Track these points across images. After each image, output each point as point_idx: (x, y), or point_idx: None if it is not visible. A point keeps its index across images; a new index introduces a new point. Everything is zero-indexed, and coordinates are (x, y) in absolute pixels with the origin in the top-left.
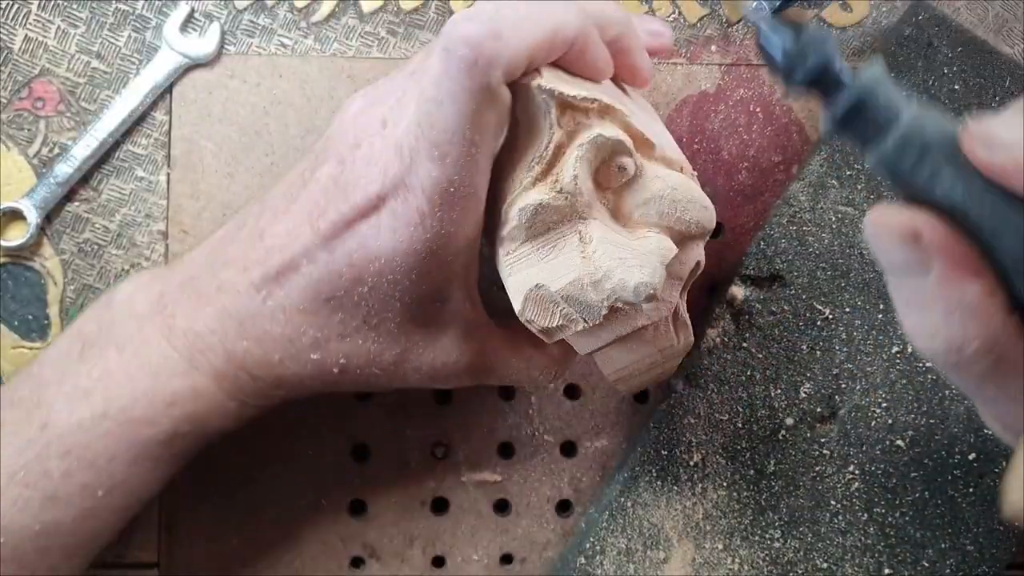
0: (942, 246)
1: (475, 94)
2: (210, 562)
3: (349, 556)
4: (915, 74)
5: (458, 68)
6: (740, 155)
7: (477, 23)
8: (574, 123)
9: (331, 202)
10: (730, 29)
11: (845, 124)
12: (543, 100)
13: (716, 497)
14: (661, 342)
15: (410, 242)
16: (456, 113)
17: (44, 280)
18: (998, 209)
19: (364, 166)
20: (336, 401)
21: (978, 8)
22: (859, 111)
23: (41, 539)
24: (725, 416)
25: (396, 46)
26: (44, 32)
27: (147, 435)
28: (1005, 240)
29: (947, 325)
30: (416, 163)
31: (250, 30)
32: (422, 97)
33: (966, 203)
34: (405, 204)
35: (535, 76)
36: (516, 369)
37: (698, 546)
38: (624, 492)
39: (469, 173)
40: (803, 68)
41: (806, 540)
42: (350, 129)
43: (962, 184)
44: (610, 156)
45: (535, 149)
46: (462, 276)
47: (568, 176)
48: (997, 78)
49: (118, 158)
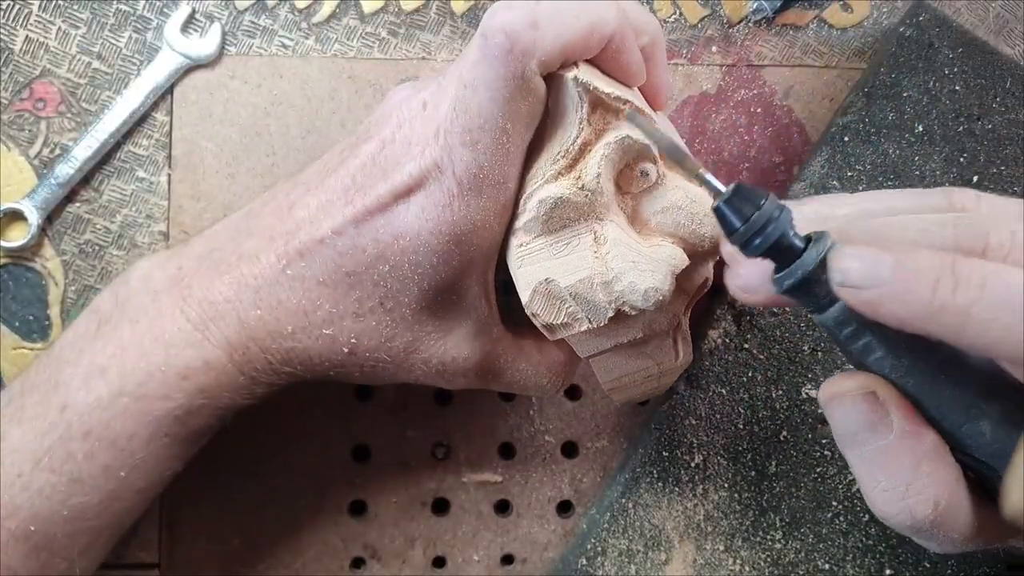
0: (897, 402)
1: (509, 82)
2: (211, 562)
3: (350, 556)
4: (916, 75)
5: (494, 55)
6: (741, 155)
7: (515, 11)
8: (603, 122)
9: (368, 179)
10: (731, 30)
11: (792, 293)
12: (577, 93)
13: (717, 498)
14: (660, 356)
15: (436, 223)
16: (489, 99)
17: (45, 281)
18: (923, 377)
19: (404, 146)
20: (337, 401)
21: (979, 8)
22: (806, 284)
23: (69, 524)
24: (726, 417)
25: (397, 47)
26: (45, 33)
27: (163, 410)
28: (934, 408)
29: (916, 478)
30: (450, 146)
31: (251, 31)
32: (459, 82)
33: (894, 372)
34: (437, 185)
35: (571, 68)
36: (524, 374)
37: (699, 547)
38: (625, 493)
39: (499, 161)
40: (760, 240)
41: (807, 541)
42: (393, 112)
43: (890, 356)
44: (634, 160)
45: (561, 142)
46: (481, 270)
47: (592, 174)
48: (998, 79)
49: (119, 159)
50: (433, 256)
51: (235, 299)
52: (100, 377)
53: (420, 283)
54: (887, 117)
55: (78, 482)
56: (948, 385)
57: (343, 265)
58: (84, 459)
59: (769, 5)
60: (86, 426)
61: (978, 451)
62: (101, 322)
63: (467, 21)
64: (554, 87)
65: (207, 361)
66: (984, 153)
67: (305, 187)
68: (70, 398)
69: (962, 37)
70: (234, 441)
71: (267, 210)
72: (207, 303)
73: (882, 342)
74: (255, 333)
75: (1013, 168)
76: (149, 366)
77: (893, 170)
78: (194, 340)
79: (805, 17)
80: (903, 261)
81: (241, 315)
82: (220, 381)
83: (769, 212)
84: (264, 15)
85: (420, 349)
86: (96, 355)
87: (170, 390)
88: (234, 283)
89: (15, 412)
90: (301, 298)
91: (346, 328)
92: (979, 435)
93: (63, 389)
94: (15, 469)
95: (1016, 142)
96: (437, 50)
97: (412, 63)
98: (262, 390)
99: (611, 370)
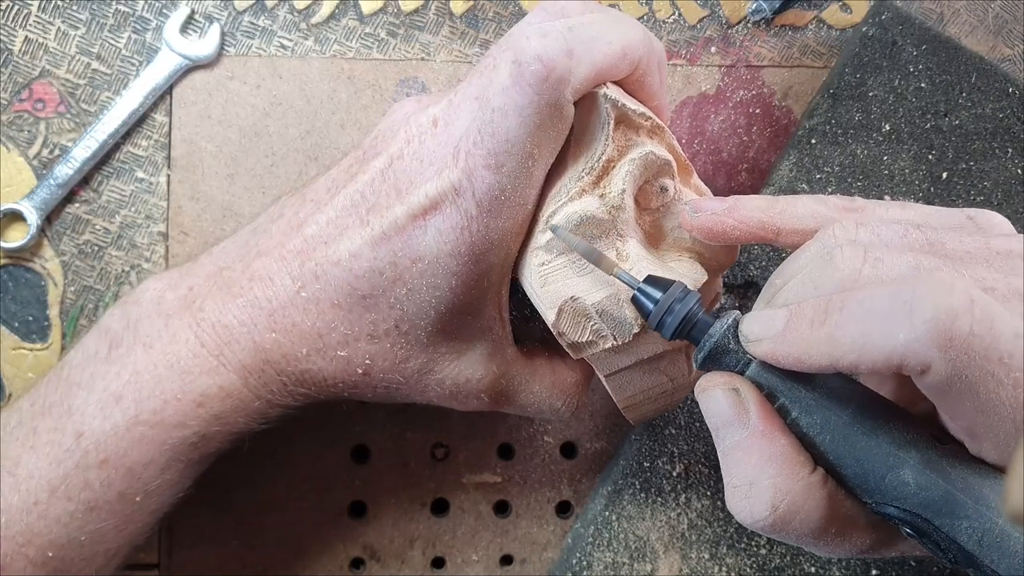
0: (757, 401)
1: (542, 109)
2: (210, 563)
3: (349, 557)
4: (881, 74)
5: (528, 83)
6: (740, 156)
7: (550, 39)
8: (624, 139)
9: (379, 196)
10: (730, 31)
11: (709, 363)
12: (606, 110)
13: (700, 506)
14: (673, 371)
15: (455, 244)
16: (519, 125)
17: (44, 281)
18: (837, 432)
19: (417, 164)
20: (337, 402)
21: (978, 9)
22: (718, 353)
23: (86, 548)
24: (706, 425)
25: (396, 47)
26: (44, 34)
27: (178, 437)
28: (854, 462)
29: (760, 478)
30: (471, 168)
31: (250, 31)
32: (486, 105)
33: (810, 429)
34: (455, 207)
35: (602, 86)
36: (537, 397)
37: (684, 556)
38: (608, 506)
39: (522, 184)
40: (671, 319)
41: (792, 545)
42: (400, 127)
43: (803, 414)
44: (654, 176)
45: (586, 159)
46: (496, 289)
47: (616, 190)
48: (963, 74)
49: (118, 159)
50: (452, 278)
51: (249, 322)
52: (115, 405)
53: (437, 305)
54: (854, 117)
55: (95, 509)
56: (863, 437)
57: (359, 288)
58: (101, 487)
59: (768, 6)
60: (103, 454)
61: (908, 502)
62: (112, 344)
63: (466, 22)
64: (580, 104)
65: (222, 387)
66: (952, 149)
67: (315, 204)
68: (85, 425)
69: (925, 34)
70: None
71: (276, 227)
72: (221, 327)
73: (794, 402)
74: (270, 356)
75: (982, 163)
76: (164, 394)
77: (862, 170)
78: (209, 366)
79: (804, 18)
80: (792, 310)
81: (256, 338)
82: (235, 407)
83: (674, 295)
84: (263, 16)
85: (435, 370)
86: (110, 381)
87: (186, 417)
88: (248, 306)
89: (27, 436)
90: (316, 320)
91: (361, 350)
92: (903, 485)
93: (77, 416)
94: (31, 497)
95: (984, 137)
96: (436, 51)
97: (411, 64)
98: (276, 413)
99: (626, 388)
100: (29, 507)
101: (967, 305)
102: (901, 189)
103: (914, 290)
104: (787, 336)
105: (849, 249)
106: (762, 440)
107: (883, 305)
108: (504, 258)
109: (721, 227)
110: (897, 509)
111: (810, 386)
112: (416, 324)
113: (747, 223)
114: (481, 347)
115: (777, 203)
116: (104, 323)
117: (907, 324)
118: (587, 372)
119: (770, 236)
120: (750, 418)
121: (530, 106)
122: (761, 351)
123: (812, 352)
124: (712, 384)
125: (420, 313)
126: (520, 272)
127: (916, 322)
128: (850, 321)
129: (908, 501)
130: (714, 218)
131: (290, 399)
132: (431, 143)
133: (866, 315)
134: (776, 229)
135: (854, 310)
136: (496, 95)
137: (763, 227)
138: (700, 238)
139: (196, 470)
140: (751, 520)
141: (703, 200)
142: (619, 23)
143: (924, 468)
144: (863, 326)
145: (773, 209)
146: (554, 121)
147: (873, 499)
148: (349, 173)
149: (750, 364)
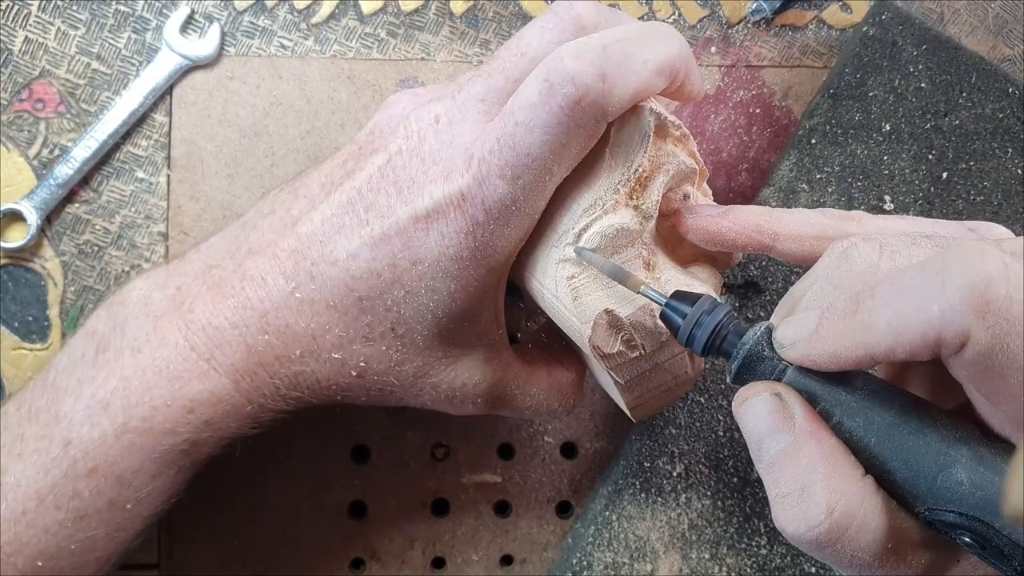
0: (801, 403)
1: (571, 131)
2: (210, 563)
3: (349, 557)
4: (881, 74)
5: (559, 104)
6: (740, 156)
7: (584, 61)
8: (655, 148)
9: (377, 194)
10: (730, 31)
11: (743, 375)
12: (647, 123)
13: (701, 507)
14: (676, 369)
15: (458, 249)
16: (543, 143)
17: (44, 281)
18: (883, 433)
19: (418, 162)
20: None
21: (978, 9)
22: (752, 362)
23: (76, 556)
24: (706, 425)
25: (396, 47)
26: (44, 34)
27: (168, 445)
28: (902, 463)
29: (811, 481)
30: (484, 176)
31: (250, 31)
32: (509, 118)
33: (854, 433)
34: (460, 212)
35: (647, 99)
36: (535, 399)
37: (685, 556)
38: (609, 506)
39: (534, 196)
40: (700, 332)
41: (792, 546)
42: (399, 123)
43: (846, 418)
44: (677, 184)
45: (622, 172)
46: (493, 294)
47: (652, 201)
48: (963, 74)
49: (118, 159)
50: (451, 282)
51: (241, 324)
52: (103, 412)
53: (435, 309)
54: (854, 117)
55: (84, 518)
56: (910, 436)
57: (356, 289)
58: (90, 496)
59: (768, 5)
60: (91, 463)
61: (964, 504)
62: (99, 348)
63: (466, 22)
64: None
65: (213, 392)
66: (952, 149)
67: (308, 201)
68: (73, 433)
69: (925, 34)
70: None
71: (267, 224)
72: (212, 329)
73: (835, 405)
74: (263, 358)
75: (982, 163)
76: (154, 400)
77: (862, 170)
78: (200, 371)
79: (804, 17)
80: (824, 308)
81: (248, 341)
82: (227, 412)
83: (703, 307)
84: (263, 16)
85: (430, 374)
86: (98, 387)
87: (176, 424)
88: (239, 307)
89: (14, 443)
90: (310, 322)
91: (356, 352)
92: (957, 484)
93: (64, 423)
94: (19, 506)
95: (984, 137)
96: (436, 51)
97: (411, 64)
98: (268, 417)
99: (634, 389)
100: (17, 516)
101: (1001, 269)
102: (901, 189)
103: (944, 260)
104: (821, 333)
105: (864, 245)
106: (811, 441)
107: (915, 281)
108: (505, 265)
109: (716, 228)
110: (954, 514)
111: (850, 388)
112: (413, 327)
113: (742, 225)
114: (479, 351)
115: (775, 210)
116: (90, 325)
117: (941, 294)
118: (582, 370)
119: (767, 240)
120: (795, 422)
121: (558, 126)
122: (796, 354)
123: (847, 343)
124: (752, 393)
125: (417, 316)
126: (526, 277)
127: (950, 290)
128: (882, 303)
129: (964, 503)
130: (710, 220)
131: (282, 403)
132: (433, 141)
133: (898, 294)
134: (773, 233)
135: (885, 291)
136: (521, 108)
137: (759, 230)
138: (695, 241)
139: (187, 475)
140: (805, 527)
141: (699, 204)
142: (655, 38)
143: (977, 465)
144: (896, 305)
145: (771, 214)
146: (580, 141)
147: (927, 506)
148: (345, 169)
149: (786, 371)
